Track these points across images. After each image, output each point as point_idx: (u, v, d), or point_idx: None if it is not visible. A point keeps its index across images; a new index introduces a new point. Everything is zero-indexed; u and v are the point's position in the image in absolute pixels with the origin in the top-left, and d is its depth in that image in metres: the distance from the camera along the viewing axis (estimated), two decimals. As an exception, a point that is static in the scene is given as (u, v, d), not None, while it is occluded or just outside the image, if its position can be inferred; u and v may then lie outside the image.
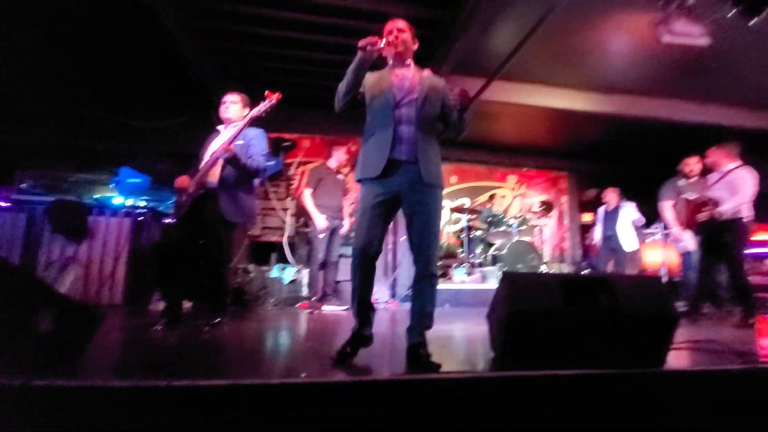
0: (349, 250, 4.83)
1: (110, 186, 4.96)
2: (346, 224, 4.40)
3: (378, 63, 2.05)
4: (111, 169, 7.28)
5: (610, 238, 5.32)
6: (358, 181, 1.98)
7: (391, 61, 2.05)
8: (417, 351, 1.77)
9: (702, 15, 3.28)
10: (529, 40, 3.53)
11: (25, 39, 4.20)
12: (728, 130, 5.57)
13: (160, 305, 2.86)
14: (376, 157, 1.88)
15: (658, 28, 3.28)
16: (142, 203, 4.59)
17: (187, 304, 4.06)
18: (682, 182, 4.31)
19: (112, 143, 5.89)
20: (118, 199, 4.54)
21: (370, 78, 2.02)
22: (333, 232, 4.20)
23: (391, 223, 2.02)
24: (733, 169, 3.53)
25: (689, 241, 4.14)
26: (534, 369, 1.54)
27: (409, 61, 2.05)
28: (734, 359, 1.86)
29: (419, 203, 1.88)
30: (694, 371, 1.72)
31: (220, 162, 2.60)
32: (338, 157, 4.44)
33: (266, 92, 2.61)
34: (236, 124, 2.80)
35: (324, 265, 4.21)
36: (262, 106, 2.62)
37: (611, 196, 5.46)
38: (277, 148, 5.70)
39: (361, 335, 1.89)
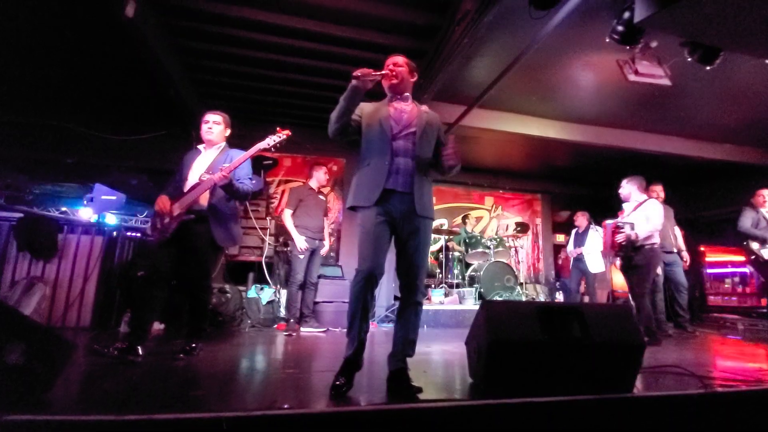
0: (328, 271, 4.85)
1: (81, 199, 4.80)
2: (327, 245, 4.41)
3: (378, 94, 2.12)
4: (81, 182, 7.05)
5: (579, 259, 5.54)
6: (350, 208, 2.00)
7: (389, 94, 2.12)
8: (399, 377, 1.81)
9: (663, 58, 3.55)
10: (507, 74, 3.72)
11: None
12: (679, 159, 6.01)
13: None
14: (371, 187, 1.92)
15: (625, 68, 3.53)
16: (114, 220, 4.45)
17: (158, 326, 3.96)
18: None
19: (84, 156, 5.72)
20: (86, 212, 4.37)
21: (367, 107, 2.07)
22: (313, 252, 4.20)
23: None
24: (645, 201, 3.88)
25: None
26: (513, 396, 1.60)
27: (408, 95, 2.12)
28: (696, 383, 1.97)
29: (411, 232, 1.93)
30: (660, 396, 1.81)
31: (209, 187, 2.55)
32: (318, 177, 4.46)
33: (278, 128, 2.63)
34: (219, 145, 2.81)
35: (303, 286, 4.19)
36: (270, 140, 2.61)
37: (581, 219, 5.73)
38: (258, 166, 5.69)
39: (356, 362, 1.85)
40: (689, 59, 3.19)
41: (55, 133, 5.45)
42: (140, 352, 2.34)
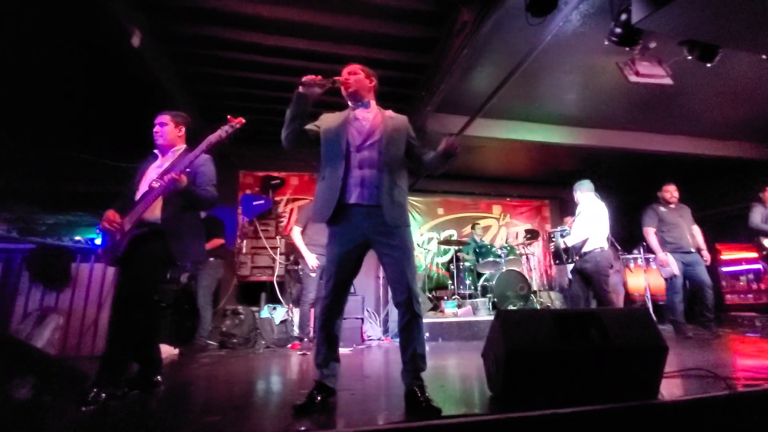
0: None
1: (94, 228, 4.87)
2: None
3: (339, 104, 2.08)
4: (94, 211, 7.16)
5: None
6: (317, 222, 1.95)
7: (350, 103, 2.07)
8: (416, 395, 1.75)
9: (663, 58, 3.55)
10: (508, 82, 3.74)
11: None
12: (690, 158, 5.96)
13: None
14: (324, 202, 1.87)
15: (625, 69, 3.53)
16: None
17: (173, 351, 3.96)
18: (662, 208, 4.48)
19: (96, 185, 5.82)
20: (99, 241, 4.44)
21: (327, 118, 2.05)
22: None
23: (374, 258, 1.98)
24: (583, 207, 4.01)
25: (674, 265, 4.27)
26: (535, 408, 1.55)
27: (369, 101, 2.05)
28: (721, 386, 1.91)
29: (388, 246, 1.85)
30: (687, 400, 1.75)
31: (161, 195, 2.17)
32: None
33: (228, 116, 2.28)
34: (177, 148, 2.42)
35: (315, 304, 4.17)
36: (223, 132, 2.26)
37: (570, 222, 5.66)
38: (266, 186, 5.75)
39: (324, 386, 1.84)
40: (689, 57, 3.19)
41: (66, 163, 5.57)
42: (100, 395, 1.90)
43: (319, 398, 1.78)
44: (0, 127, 4.97)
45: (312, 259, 4.04)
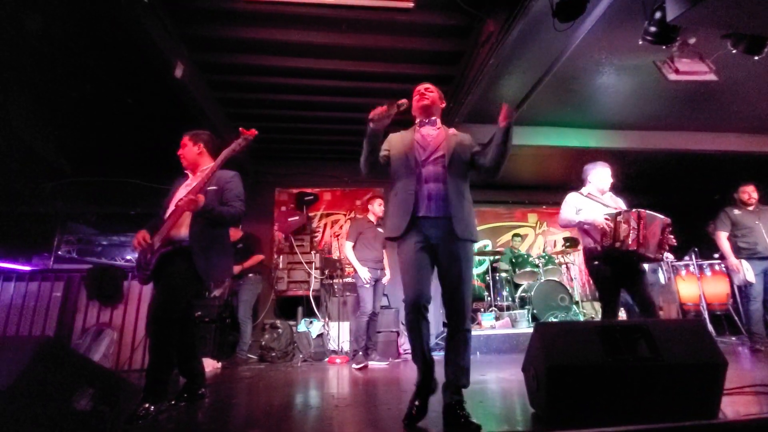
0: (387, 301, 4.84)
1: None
2: (388, 273, 4.41)
3: (406, 122, 2.18)
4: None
5: None
6: (389, 239, 2.03)
7: (417, 120, 2.15)
8: (455, 411, 1.72)
9: (705, 53, 3.37)
10: (538, 88, 3.68)
11: (58, 110, 4.61)
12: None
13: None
14: (399, 218, 1.95)
15: (663, 68, 3.38)
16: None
17: (216, 364, 4.10)
18: (737, 211, 4.17)
19: (146, 207, 6.20)
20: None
21: (394, 138, 2.13)
22: (376, 282, 4.22)
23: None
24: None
25: (748, 272, 3.99)
26: (580, 426, 1.48)
27: (436, 119, 2.14)
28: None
29: (452, 256, 1.89)
30: (749, 420, 1.61)
31: (188, 214, 2.22)
32: (374, 209, 4.49)
33: (240, 128, 2.33)
34: (205, 167, 2.43)
35: (371, 317, 4.19)
36: (237, 145, 2.32)
37: None
38: (300, 202, 5.91)
39: (427, 386, 1.86)
40: (734, 51, 3.01)
41: (120, 188, 5.99)
42: (150, 409, 1.99)
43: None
44: (61, 156, 5.43)
45: (364, 272, 4.09)
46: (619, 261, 2.85)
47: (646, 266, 3.23)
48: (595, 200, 3.17)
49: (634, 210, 2.81)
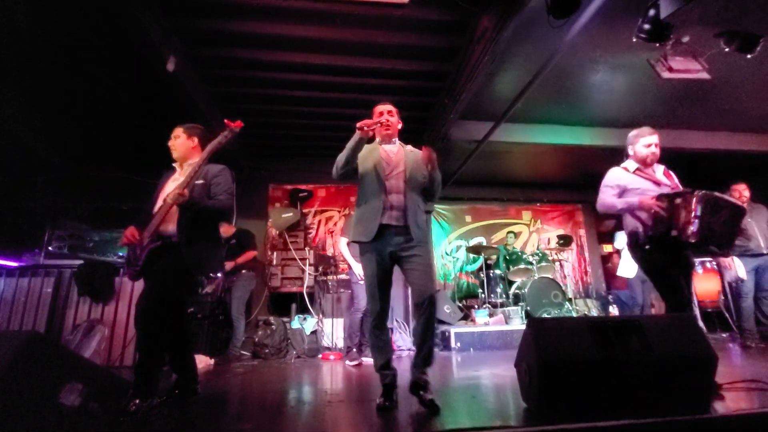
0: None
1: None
2: None
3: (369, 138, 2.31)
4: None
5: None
6: (353, 242, 2.22)
7: (378, 139, 2.34)
8: (417, 391, 1.98)
9: (698, 51, 3.39)
10: (533, 85, 3.68)
11: (49, 103, 4.54)
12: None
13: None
14: (368, 223, 2.14)
15: (657, 66, 3.39)
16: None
17: (209, 361, 4.08)
18: None
19: (139, 203, 6.12)
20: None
21: (362, 151, 2.28)
22: None
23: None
24: None
25: (740, 269, 4.05)
26: (572, 421, 1.49)
27: (395, 139, 2.35)
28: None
29: (413, 256, 2.13)
30: (740, 415, 1.63)
31: (176, 209, 2.21)
32: None
33: (225, 120, 2.32)
34: (192, 161, 2.41)
35: (365, 313, 4.17)
36: (222, 137, 2.33)
37: None
38: (294, 198, 5.89)
39: (390, 384, 2.08)
40: (726, 50, 3.03)
41: (112, 183, 5.92)
42: (141, 406, 1.95)
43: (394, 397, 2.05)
44: (52, 150, 5.36)
45: (359, 269, 4.08)
46: (672, 248, 2.26)
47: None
48: (644, 177, 2.52)
49: (697, 191, 2.16)
